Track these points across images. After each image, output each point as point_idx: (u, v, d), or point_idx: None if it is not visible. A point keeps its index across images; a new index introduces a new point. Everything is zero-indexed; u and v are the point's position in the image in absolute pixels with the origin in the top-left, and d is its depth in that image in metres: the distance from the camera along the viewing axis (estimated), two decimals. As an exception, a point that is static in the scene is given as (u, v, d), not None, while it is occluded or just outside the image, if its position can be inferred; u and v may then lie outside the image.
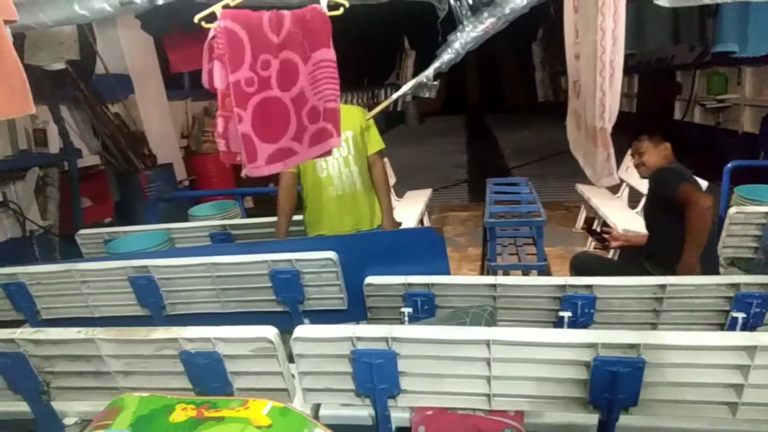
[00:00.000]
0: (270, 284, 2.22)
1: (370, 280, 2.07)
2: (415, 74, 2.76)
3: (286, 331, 1.61)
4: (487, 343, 1.42)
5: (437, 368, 1.50)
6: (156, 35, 4.44)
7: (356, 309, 2.22)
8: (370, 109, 2.87)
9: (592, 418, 1.44)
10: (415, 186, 6.03)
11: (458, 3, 2.68)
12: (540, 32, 13.85)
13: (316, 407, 1.66)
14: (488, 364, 1.44)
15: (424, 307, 1.99)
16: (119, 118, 5.22)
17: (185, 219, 3.60)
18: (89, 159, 4.93)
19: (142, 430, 1.31)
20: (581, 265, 3.01)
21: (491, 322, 1.79)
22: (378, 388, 1.51)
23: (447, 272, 2.29)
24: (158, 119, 5.73)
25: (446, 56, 2.83)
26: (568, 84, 2.60)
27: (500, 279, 1.96)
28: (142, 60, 5.51)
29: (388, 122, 14.39)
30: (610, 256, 3.91)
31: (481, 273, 4.32)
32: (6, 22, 1.58)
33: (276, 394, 1.55)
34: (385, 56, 14.76)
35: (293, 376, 1.63)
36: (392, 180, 5.20)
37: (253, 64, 1.81)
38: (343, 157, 2.74)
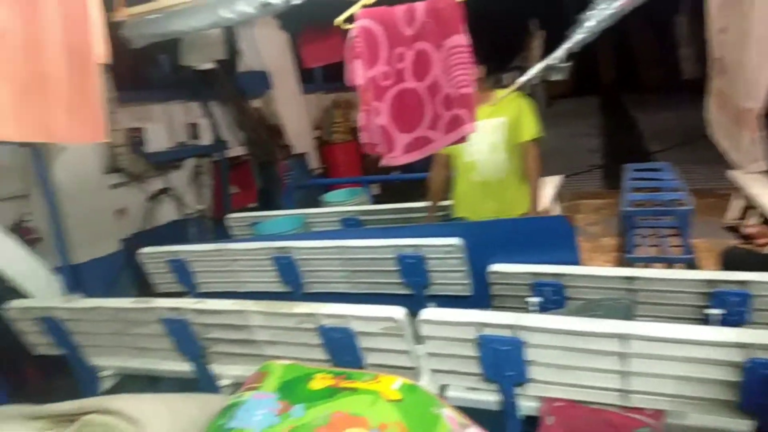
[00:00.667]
0: (397, 268, 2.30)
1: (495, 267, 2.06)
2: (543, 56, 2.65)
3: (412, 314, 1.67)
4: (623, 337, 1.36)
5: (567, 360, 1.46)
6: (294, 33, 4.72)
7: (481, 296, 2.22)
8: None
9: (744, 425, 1.33)
10: (544, 172, 5.80)
11: (592, -22, 2.53)
12: (683, 4, 12.50)
13: (443, 388, 1.70)
14: (624, 358, 1.38)
15: (553, 297, 1.94)
16: (260, 112, 5.65)
17: (318, 204, 3.83)
18: (236, 150, 5.40)
19: (287, 394, 1.44)
20: (732, 261, 2.72)
21: (628, 316, 1.70)
22: (504, 374, 1.51)
23: (576, 263, 2.21)
24: (294, 112, 6.10)
25: (578, 36, 2.68)
26: (711, 61, 2.34)
27: (639, 271, 1.85)
28: (278, 57, 5.89)
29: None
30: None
31: (617, 265, 4.07)
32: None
33: (404, 372, 1.61)
34: (509, 39, 14.31)
35: (420, 356, 1.69)
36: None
37: (388, 58, 1.89)
38: (492, 143, 2.74)
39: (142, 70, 4.69)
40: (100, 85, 1.82)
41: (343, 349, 1.68)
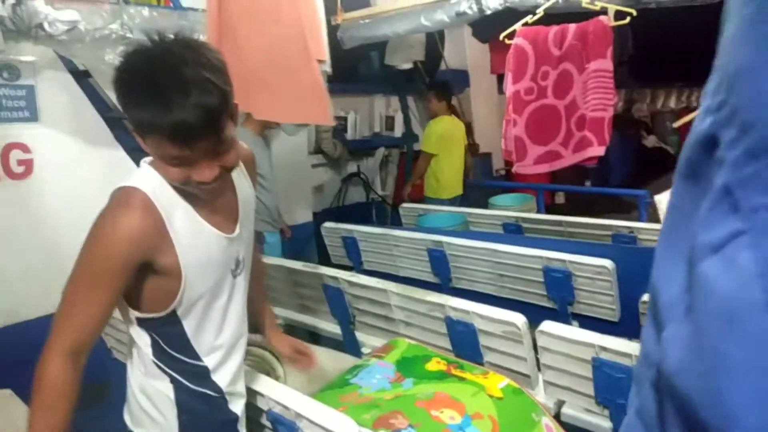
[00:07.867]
0: (543, 280, 2.33)
1: (647, 297, 1.97)
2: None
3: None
4: None
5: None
6: (483, 41, 4.88)
7: (629, 324, 2.14)
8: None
9: None
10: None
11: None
12: None
13: (560, 403, 1.72)
14: None
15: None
16: (454, 109, 5.89)
17: (486, 206, 3.93)
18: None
19: (403, 368, 1.64)
20: None
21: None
22: (616, 402, 1.50)
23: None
24: (486, 112, 6.21)
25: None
26: None
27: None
28: (480, 58, 6.04)
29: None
30: None
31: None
32: (319, 61, 2.12)
33: (519, 378, 1.69)
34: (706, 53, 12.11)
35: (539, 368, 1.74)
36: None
37: (534, 75, 2.02)
38: None
39: (354, 65, 5.24)
40: (320, 77, 2.16)
41: (465, 342, 1.81)
